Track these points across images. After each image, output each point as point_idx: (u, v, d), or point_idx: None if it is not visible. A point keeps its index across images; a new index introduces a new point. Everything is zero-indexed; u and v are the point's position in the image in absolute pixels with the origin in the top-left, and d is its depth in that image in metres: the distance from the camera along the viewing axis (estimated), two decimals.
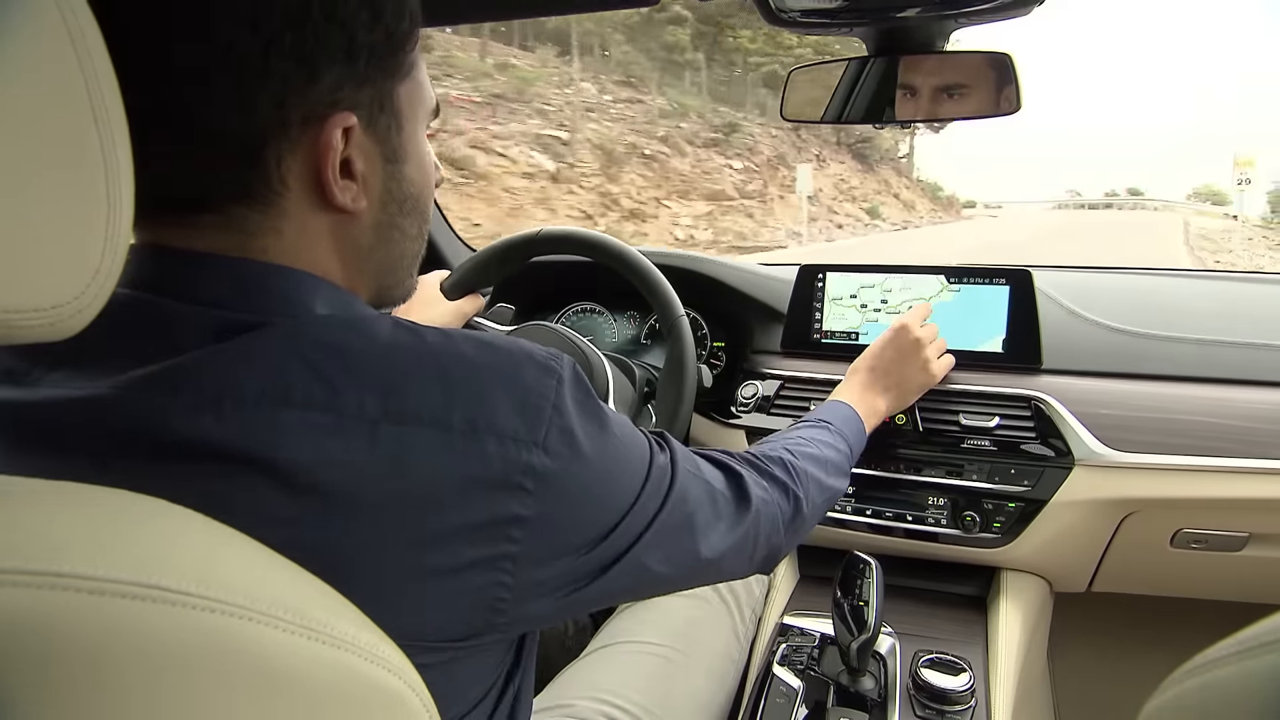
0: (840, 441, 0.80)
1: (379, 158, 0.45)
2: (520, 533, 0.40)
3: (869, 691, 0.80)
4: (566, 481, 0.42)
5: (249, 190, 0.40)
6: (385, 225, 0.47)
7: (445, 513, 0.38)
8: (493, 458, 0.39)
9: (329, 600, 0.33)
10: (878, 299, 1.12)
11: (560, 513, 0.42)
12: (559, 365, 0.44)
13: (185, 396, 0.36)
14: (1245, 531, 0.95)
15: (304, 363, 0.37)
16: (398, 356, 0.39)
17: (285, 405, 0.36)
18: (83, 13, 0.30)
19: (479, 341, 0.42)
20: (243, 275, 0.41)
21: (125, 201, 0.32)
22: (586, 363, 0.94)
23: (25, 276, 0.28)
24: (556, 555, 0.43)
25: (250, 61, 0.38)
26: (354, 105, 0.42)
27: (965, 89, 0.87)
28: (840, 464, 0.77)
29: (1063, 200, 51.79)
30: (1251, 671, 0.26)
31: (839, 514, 1.06)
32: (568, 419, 0.42)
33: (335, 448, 0.36)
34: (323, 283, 0.43)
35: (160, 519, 0.31)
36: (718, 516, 0.55)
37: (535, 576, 0.42)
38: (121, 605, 0.27)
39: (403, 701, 0.34)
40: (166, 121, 0.38)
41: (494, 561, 0.40)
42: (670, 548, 0.50)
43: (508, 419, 0.40)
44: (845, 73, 0.89)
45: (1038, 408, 0.98)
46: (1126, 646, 1.24)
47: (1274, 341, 0.99)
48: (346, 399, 0.37)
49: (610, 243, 0.97)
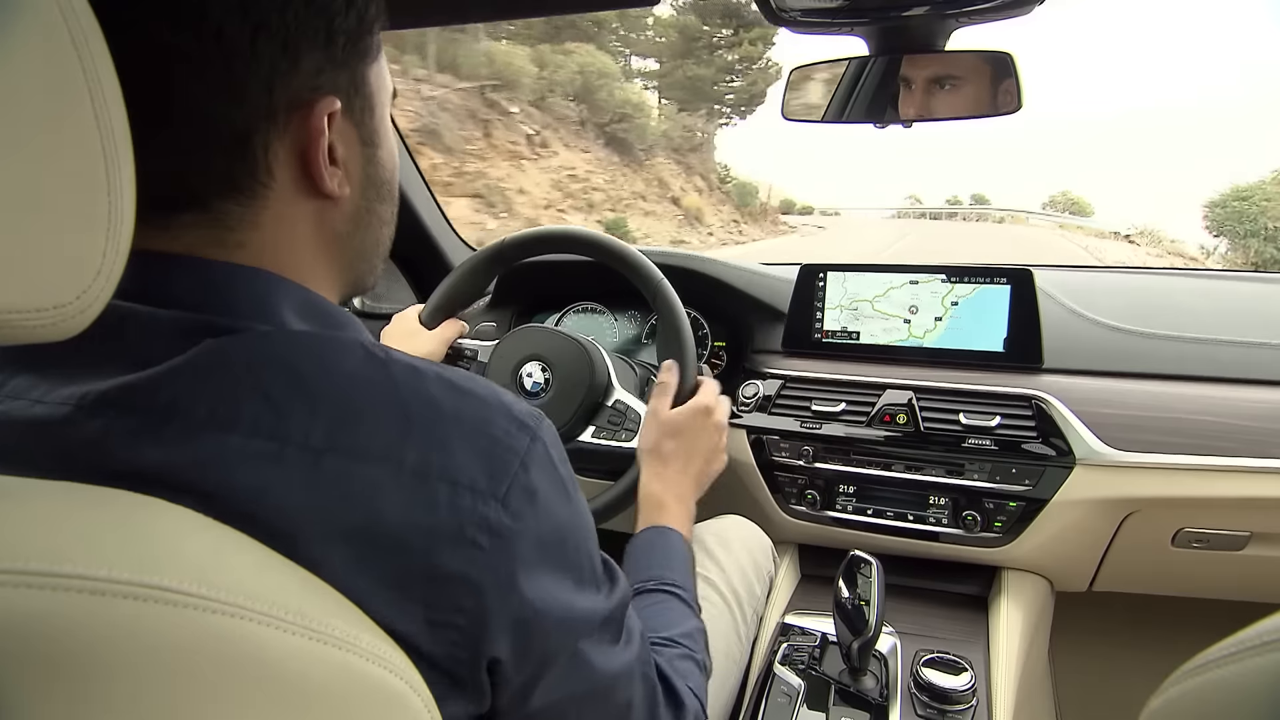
0: (695, 612, 0.71)
1: (357, 142, 0.45)
2: (470, 602, 0.37)
3: (870, 691, 0.80)
4: (526, 543, 0.39)
5: (235, 182, 0.40)
6: (364, 211, 0.47)
7: (388, 563, 0.35)
8: (442, 505, 0.36)
9: (330, 600, 0.33)
10: (878, 299, 1.12)
11: (516, 573, 0.39)
12: (537, 425, 0.41)
13: (132, 419, 0.35)
14: (1246, 531, 0.95)
15: (255, 385, 0.36)
16: (357, 387, 0.37)
17: (231, 430, 0.35)
18: (84, 12, 0.30)
19: (452, 384, 0.40)
20: (211, 278, 0.40)
21: (127, 201, 0.32)
22: (588, 356, 0.95)
23: (27, 276, 0.28)
24: (511, 623, 0.39)
25: (240, 47, 0.38)
26: (334, 90, 0.42)
27: (965, 88, 0.87)
28: (704, 646, 0.69)
29: (902, 208, 47.50)
30: (1252, 670, 0.26)
31: (840, 513, 1.06)
32: (534, 479, 0.39)
33: (275, 477, 0.34)
34: (292, 285, 0.42)
35: (161, 519, 0.32)
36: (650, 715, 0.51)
37: (487, 650, 0.38)
38: (122, 605, 0.27)
39: (403, 701, 0.34)
40: (161, 112, 0.38)
41: (441, 627, 0.37)
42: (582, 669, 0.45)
43: (467, 467, 0.37)
44: (846, 72, 0.90)
45: (1039, 407, 0.98)
46: (1128, 646, 1.24)
47: (1275, 340, 0.99)
48: (292, 426, 0.35)
49: (577, 232, 0.98)
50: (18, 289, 0.28)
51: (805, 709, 0.80)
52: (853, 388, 1.08)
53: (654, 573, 0.72)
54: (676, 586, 0.71)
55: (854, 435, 1.05)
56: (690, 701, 0.56)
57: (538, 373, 0.96)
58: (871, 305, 1.12)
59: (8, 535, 0.27)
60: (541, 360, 0.96)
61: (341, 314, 0.44)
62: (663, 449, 0.84)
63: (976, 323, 1.06)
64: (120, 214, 0.31)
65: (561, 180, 14.65)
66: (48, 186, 0.28)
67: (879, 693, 0.80)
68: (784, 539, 1.13)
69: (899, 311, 1.11)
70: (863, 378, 1.08)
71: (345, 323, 0.44)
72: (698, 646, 0.65)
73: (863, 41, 0.87)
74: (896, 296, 1.11)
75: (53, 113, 0.28)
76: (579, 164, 15.61)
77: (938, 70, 0.86)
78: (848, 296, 1.14)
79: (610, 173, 16.62)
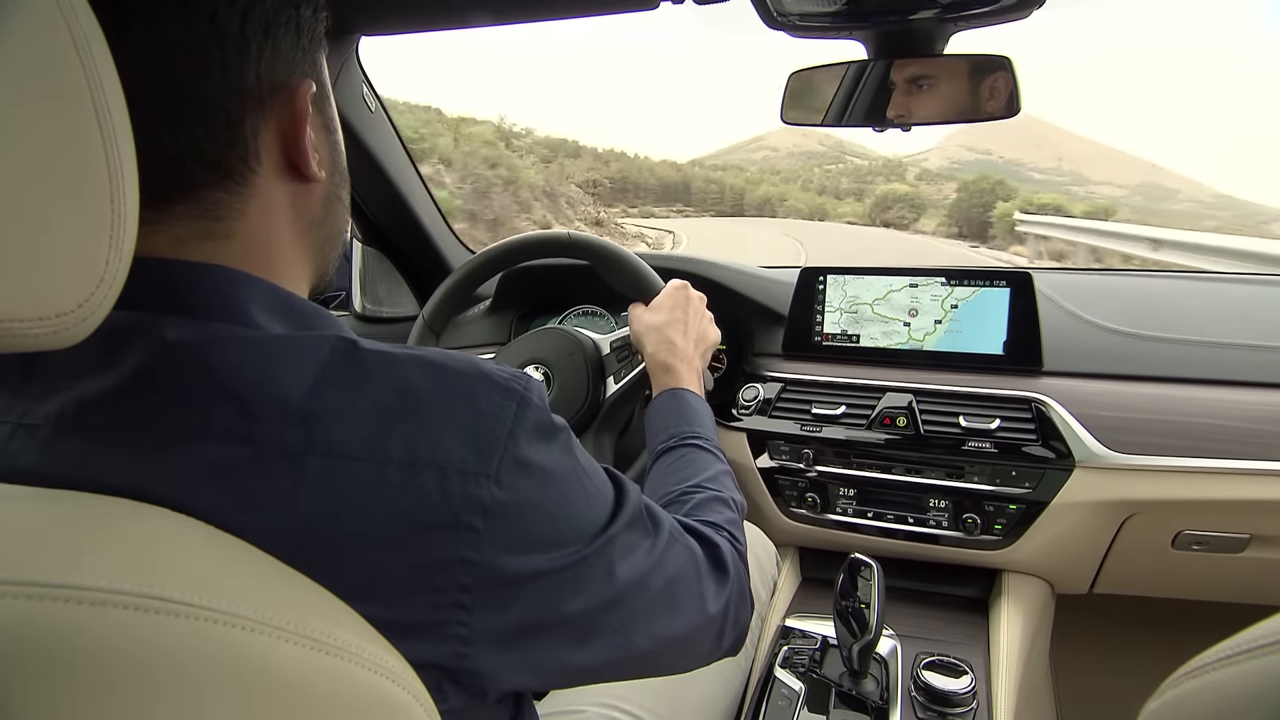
0: (719, 457, 0.72)
1: (321, 127, 0.45)
2: (471, 579, 0.36)
3: (870, 694, 0.80)
4: (524, 514, 0.38)
5: (227, 168, 0.40)
6: (331, 197, 0.47)
7: (383, 561, 0.35)
8: (433, 493, 0.35)
9: (332, 610, 0.33)
10: (878, 302, 1.12)
11: (516, 548, 0.38)
12: (522, 386, 0.40)
13: (107, 437, 0.34)
14: (1246, 533, 0.95)
15: (223, 390, 0.35)
16: (328, 385, 0.36)
17: (204, 439, 0.34)
18: (84, 14, 0.29)
19: (427, 363, 0.38)
20: (171, 278, 0.39)
21: (130, 207, 0.31)
22: (595, 352, 0.95)
23: (28, 284, 0.28)
24: (516, 599, 0.39)
25: (231, 29, 0.38)
26: (304, 74, 0.43)
27: (965, 91, 0.87)
28: (732, 484, 0.70)
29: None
30: (1250, 673, 0.26)
31: (840, 516, 1.06)
32: (525, 447, 0.38)
33: (257, 485, 0.33)
34: (260, 282, 0.41)
35: (162, 529, 0.31)
36: (698, 586, 0.51)
37: (497, 625, 0.38)
38: (123, 616, 0.27)
39: (406, 711, 0.34)
40: (158, 100, 0.37)
41: (444, 619, 0.36)
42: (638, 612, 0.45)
43: (455, 448, 0.36)
44: (845, 76, 0.90)
45: (1038, 409, 0.98)
46: (1128, 648, 1.24)
47: (1274, 343, 0.99)
48: (267, 430, 0.34)
49: (565, 238, 0.98)
50: (18, 297, 0.27)
51: (806, 712, 0.80)
52: (853, 391, 1.08)
53: (671, 430, 0.74)
54: (696, 437, 0.73)
55: (854, 438, 1.05)
56: (726, 547, 0.56)
57: (537, 376, 0.96)
58: (871, 308, 1.13)
59: (9, 546, 0.27)
60: (537, 363, 0.97)
61: (314, 310, 0.43)
62: (654, 322, 0.86)
63: (976, 326, 1.06)
64: (124, 219, 0.31)
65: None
66: (49, 191, 0.28)
67: (879, 695, 0.80)
68: (784, 542, 1.13)
69: (899, 314, 1.11)
70: (863, 381, 1.08)
71: (317, 319, 0.42)
72: (724, 486, 0.67)
73: (861, 46, 0.87)
74: (896, 299, 1.11)
75: (54, 115, 0.28)
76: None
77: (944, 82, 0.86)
78: (848, 299, 1.14)
79: None
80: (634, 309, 0.90)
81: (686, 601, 0.50)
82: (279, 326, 0.40)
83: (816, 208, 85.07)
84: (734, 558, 0.56)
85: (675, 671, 0.53)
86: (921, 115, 0.87)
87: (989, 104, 0.84)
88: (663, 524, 0.50)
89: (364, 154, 1.14)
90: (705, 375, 0.96)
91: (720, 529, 0.59)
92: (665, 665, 0.51)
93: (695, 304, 0.89)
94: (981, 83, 0.84)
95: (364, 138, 1.13)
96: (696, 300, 0.90)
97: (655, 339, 0.84)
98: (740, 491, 0.69)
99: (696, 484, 0.65)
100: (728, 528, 0.60)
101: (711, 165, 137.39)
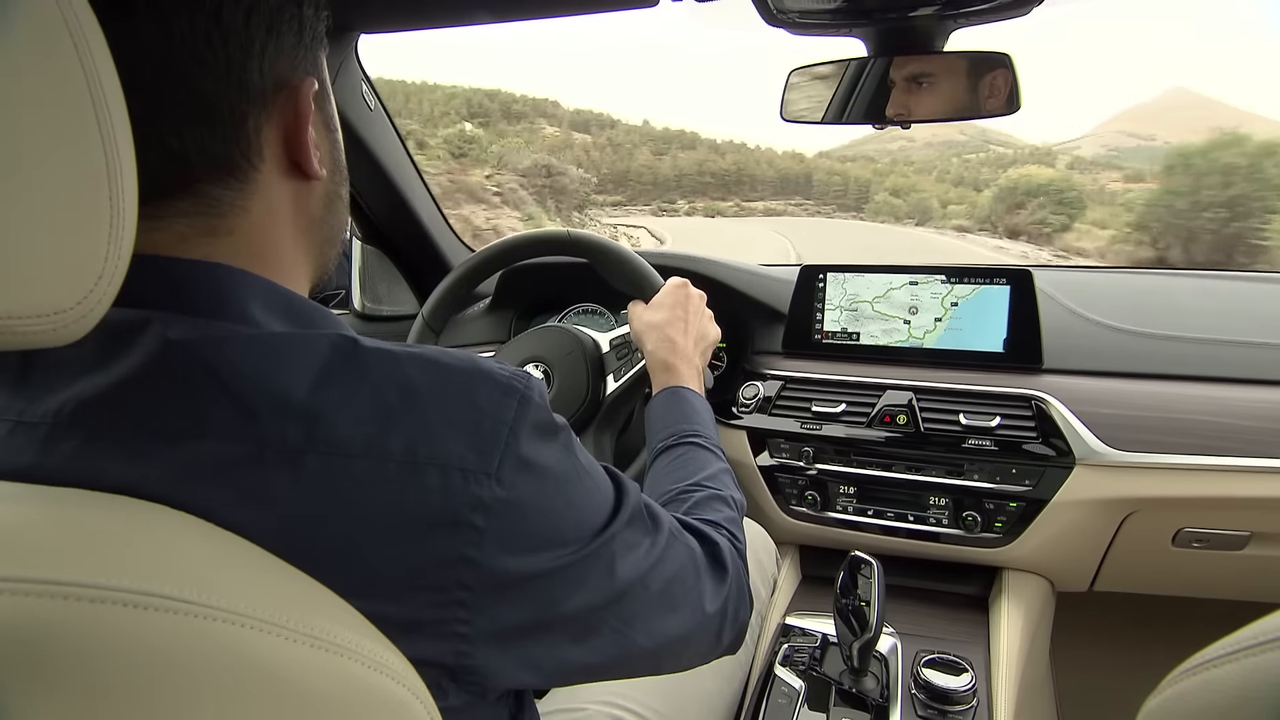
0: (719, 455, 0.72)
1: (322, 125, 0.46)
2: (471, 578, 0.36)
3: (870, 692, 0.80)
4: (525, 512, 0.38)
5: (230, 165, 0.40)
6: (331, 194, 0.47)
7: (383, 558, 0.35)
8: (434, 492, 0.35)
9: (332, 606, 0.33)
10: (878, 300, 1.12)
11: (516, 546, 0.38)
12: (523, 385, 0.40)
13: (106, 434, 0.34)
14: (1246, 530, 0.95)
15: (224, 388, 0.35)
16: (329, 383, 0.36)
17: (203, 437, 0.34)
18: (84, 12, 0.29)
19: (428, 361, 0.38)
20: (170, 276, 0.38)
21: (129, 204, 0.31)
22: (595, 350, 0.95)
23: (27, 281, 0.28)
24: (516, 597, 0.39)
25: (235, 26, 0.38)
26: (306, 72, 0.43)
27: (964, 89, 0.87)
28: (732, 483, 0.70)
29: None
30: (1250, 670, 0.26)
31: (840, 514, 1.06)
32: (526, 445, 0.38)
33: (257, 483, 0.33)
34: (259, 280, 0.41)
35: (160, 526, 0.31)
36: (697, 585, 0.51)
37: (497, 623, 0.38)
38: (121, 613, 0.27)
39: (406, 708, 0.34)
40: (162, 97, 0.37)
41: (444, 617, 0.36)
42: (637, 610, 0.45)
43: (455, 446, 0.36)
44: (845, 73, 0.90)
45: (1039, 407, 0.98)
46: (1129, 645, 1.24)
47: (1274, 340, 0.99)
48: (267, 428, 0.34)
49: (564, 236, 0.98)
50: (18, 294, 0.27)
51: (806, 710, 0.80)
52: (853, 389, 1.08)
53: (671, 428, 0.74)
54: (696, 435, 0.72)
55: (854, 436, 1.05)
56: (725, 545, 0.56)
57: (537, 374, 0.96)
58: (871, 306, 1.12)
59: (7, 543, 0.27)
60: (537, 361, 0.96)
61: (314, 308, 0.43)
62: (654, 320, 0.86)
63: (976, 323, 1.06)
64: (123, 216, 0.31)
65: None
66: (49, 189, 0.28)
67: (879, 693, 0.80)
68: (785, 540, 1.13)
69: (899, 312, 1.11)
70: (863, 378, 1.08)
71: (317, 317, 0.42)
72: (723, 484, 0.66)
73: (861, 43, 0.87)
74: (896, 297, 1.11)
75: (53, 114, 0.28)
76: None
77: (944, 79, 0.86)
78: (847, 297, 1.14)
79: None
80: (634, 307, 0.90)
81: (686, 599, 0.50)
82: (279, 325, 0.40)
83: (920, 207, 63.58)
84: (733, 556, 0.56)
85: (675, 669, 0.53)
86: (921, 113, 0.87)
87: (989, 101, 0.84)
88: (662, 522, 0.50)
89: (363, 152, 1.14)
90: (705, 373, 0.96)
91: (720, 527, 0.59)
92: (665, 663, 0.51)
93: (695, 302, 0.89)
94: (981, 80, 0.84)
95: (363, 136, 1.13)
96: (696, 298, 0.90)
97: (655, 337, 0.84)
98: (740, 490, 0.69)
99: (696, 482, 0.65)
100: (727, 526, 0.60)
101: (839, 157, 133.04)
